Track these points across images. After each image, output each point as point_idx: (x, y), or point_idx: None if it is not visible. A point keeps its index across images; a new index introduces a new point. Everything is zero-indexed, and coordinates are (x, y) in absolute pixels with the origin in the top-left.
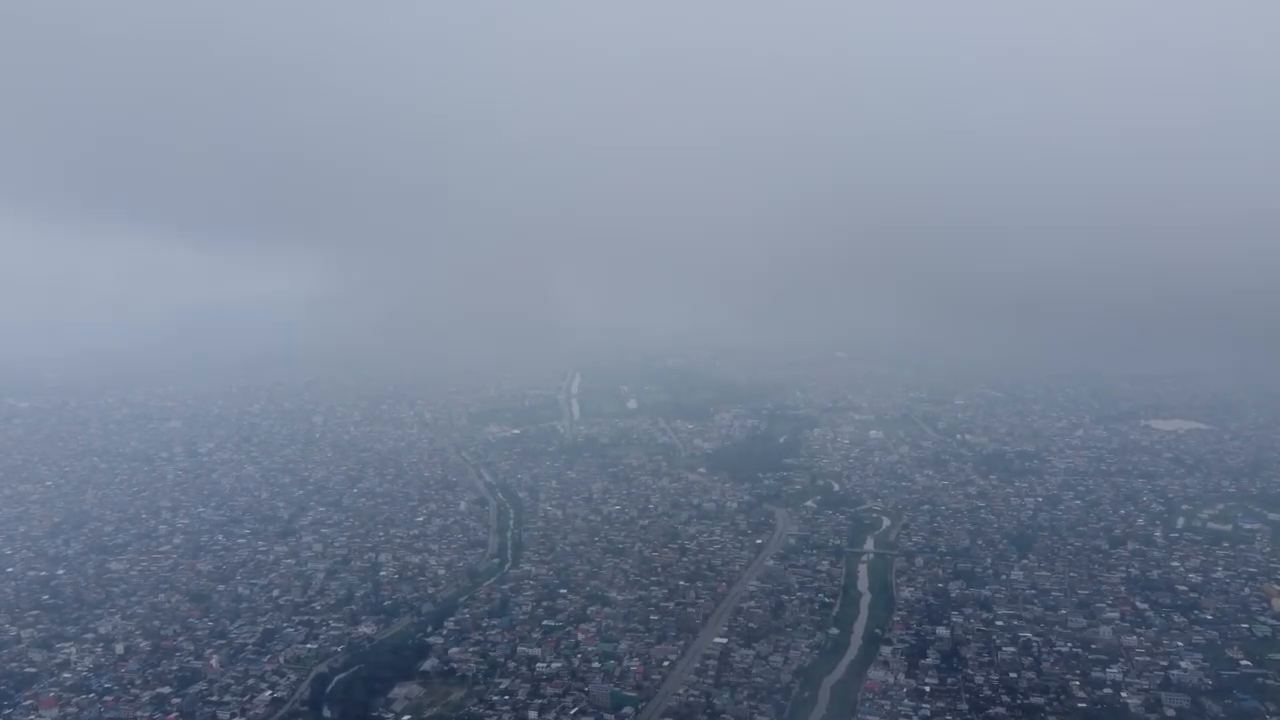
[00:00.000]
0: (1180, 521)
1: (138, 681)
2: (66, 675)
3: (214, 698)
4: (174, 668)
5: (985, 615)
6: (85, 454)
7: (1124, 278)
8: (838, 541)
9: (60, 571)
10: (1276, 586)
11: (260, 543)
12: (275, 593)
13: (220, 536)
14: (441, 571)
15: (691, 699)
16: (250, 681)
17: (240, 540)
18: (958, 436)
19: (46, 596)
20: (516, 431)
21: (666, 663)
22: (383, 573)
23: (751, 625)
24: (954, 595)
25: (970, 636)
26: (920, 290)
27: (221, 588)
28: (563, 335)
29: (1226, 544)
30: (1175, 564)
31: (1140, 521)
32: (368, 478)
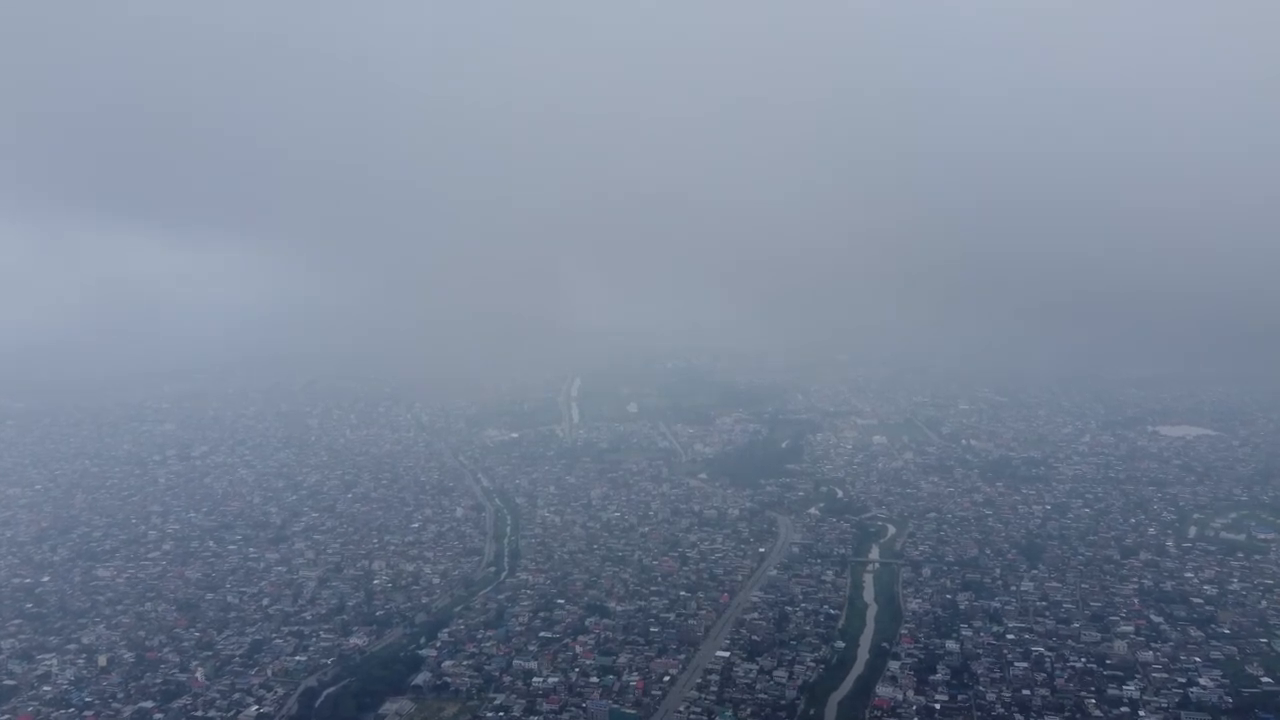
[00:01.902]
0: (1192, 531)
1: (119, 695)
2: (46, 688)
3: (198, 713)
4: (158, 681)
5: (996, 628)
6: (77, 456)
7: (1124, 277)
8: (842, 550)
9: (45, 579)
10: None
11: (251, 549)
12: (265, 601)
13: (211, 543)
14: (436, 580)
15: (693, 716)
16: (236, 696)
17: (231, 547)
18: (962, 442)
19: (30, 605)
20: (515, 435)
21: (667, 677)
22: (376, 581)
23: (755, 638)
24: (963, 607)
25: (981, 651)
26: (920, 292)
27: (210, 596)
28: (563, 337)
29: (1241, 554)
30: (1189, 575)
31: (1151, 531)
32: (363, 482)
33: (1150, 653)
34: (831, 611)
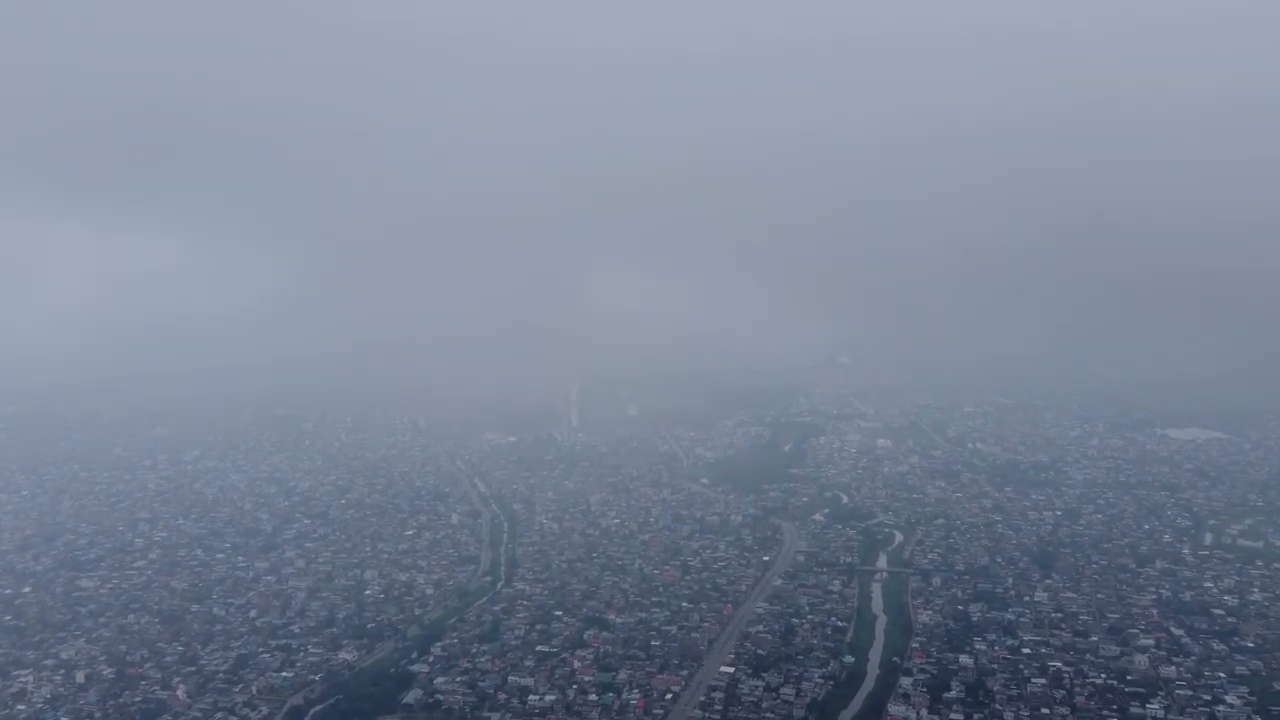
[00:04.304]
0: (1208, 538)
1: (97, 714)
2: (21, 707)
3: None
4: (137, 699)
5: (1010, 642)
6: (66, 461)
7: (1128, 273)
8: (849, 559)
9: (27, 589)
10: None
11: (240, 558)
12: (252, 613)
13: (199, 551)
14: (430, 590)
15: None
16: (218, 715)
17: (219, 555)
18: (968, 446)
19: (9, 617)
20: (513, 439)
21: (669, 695)
22: (367, 591)
23: (760, 652)
24: (975, 619)
25: (995, 666)
26: (918, 292)
27: (195, 608)
28: (562, 337)
29: (1260, 562)
30: (1208, 584)
31: (1166, 538)
32: (356, 488)
33: (1172, 668)
34: (839, 624)
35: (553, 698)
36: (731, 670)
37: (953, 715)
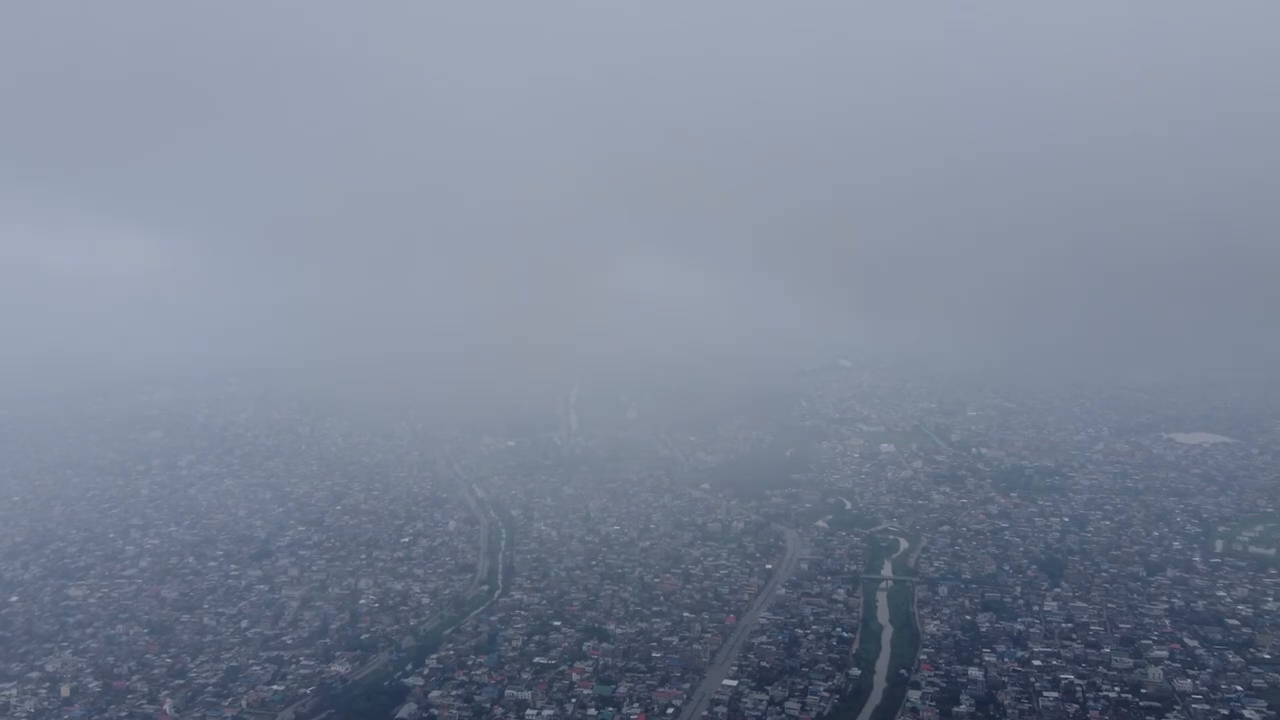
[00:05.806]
0: (1219, 545)
1: None
2: None
3: None
4: (123, 713)
5: (1020, 653)
6: (59, 466)
7: (1132, 275)
8: (853, 567)
9: (14, 599)
10: None
11: (232, 566)
12: (244, 624)
13: (190, 559)
14: (425, 600)
15: None
16: None
17: (211, 563)
18: (972, 450)
19: None
20: (511, 443)
21: (671, 709)
22: (362, 601)
23: (764, 664)
24: (984, 630)
25: (1006, 679)
26: (917, 293)
27: (185, 618)
28: (562, 340)
29: (1273, 570)
30: (1221, 593)
31: (1176, 545)
32: (352, 493)
33: (1188, 681)
34: (845, 635)
35: (551, 712)
36: (734, 683)
37: None
